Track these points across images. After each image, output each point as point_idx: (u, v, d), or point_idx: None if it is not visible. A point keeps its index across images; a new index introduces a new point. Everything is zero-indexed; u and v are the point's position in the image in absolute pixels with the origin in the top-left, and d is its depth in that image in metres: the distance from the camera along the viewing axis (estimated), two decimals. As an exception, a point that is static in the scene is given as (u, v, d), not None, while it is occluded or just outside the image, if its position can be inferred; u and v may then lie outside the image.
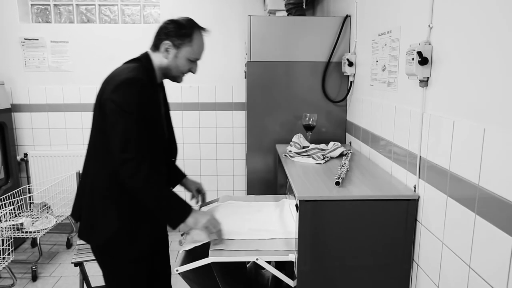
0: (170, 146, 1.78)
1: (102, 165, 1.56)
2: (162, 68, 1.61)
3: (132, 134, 1.44)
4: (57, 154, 3.58)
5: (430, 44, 1.45)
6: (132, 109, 1.44)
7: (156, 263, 1.83)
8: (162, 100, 1.73)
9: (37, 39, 3.50)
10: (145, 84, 1.49)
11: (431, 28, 1.46)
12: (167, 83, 1.73)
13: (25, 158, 3.61)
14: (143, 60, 1.60)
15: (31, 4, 3.63)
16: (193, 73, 1.67)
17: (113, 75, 1.52)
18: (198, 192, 2.00)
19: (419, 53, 1.44)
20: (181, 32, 1.56)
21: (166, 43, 1.56)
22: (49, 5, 3.65)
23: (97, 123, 1.55)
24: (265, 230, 1.78)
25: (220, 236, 1.64)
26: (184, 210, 1.55)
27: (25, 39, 3.50)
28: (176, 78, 1.66)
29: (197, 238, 1.67)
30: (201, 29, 1.63)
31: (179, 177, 1.97)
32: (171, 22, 1.58)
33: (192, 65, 1.64)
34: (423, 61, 1.44)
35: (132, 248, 1.59)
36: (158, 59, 1.60)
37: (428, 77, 1.48)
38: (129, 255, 1.61)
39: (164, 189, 1.53)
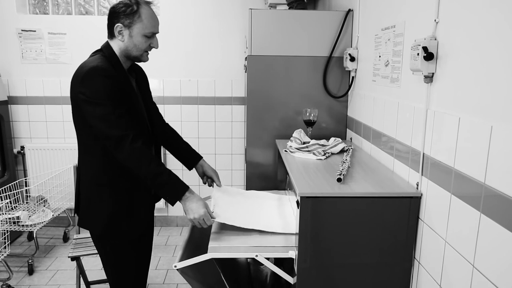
0: (152, 130, 1.82)
1: (91, 155, 1.64)
2: (123, 51, 1.64)
3: (112, 116, 1.51)
4: (54, 147, 3.54)
5: (436, 39, 1.43)
6: (102, 97, 1.50)
7: (143, 247, 1.87)
8: (138, 85, 1.78)
9: (35, 31, 3.45)
10: (107, 71, 1.53)
11: (437, 22, 1.43)
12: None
13: (22, 151, 3.58)
14: (104, 50, 1.64)
15: (29, -5, 3.58)
16: (156, 48, 1.68)
17: (78, 69, 1.57)
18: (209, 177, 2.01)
19: (425, 48, 1.41)
20: (127, 10, 1.58)
21: (118, 26, 1.60)
22: (46, -4, 3.60)
23: (76, 117, 1.61)
24: (265, 223, 1.75)
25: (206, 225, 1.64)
26: (179, 190, 1.59)
27: (22, 30, 3.45)
28: (139, 58, 1.67)
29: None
30: (146, 3, 1.64)
31: (195, 159, 1.99)
32: (116, 4, 1.61)
33: (150, 40, 1.65)
34: (429, 56, 1.41)
35: (130, 230, 1.69)
36: (117, 45, 1.63)
37: (433, 73, 1.45)
38: (128, 236, 1.70)
39: (160, 166, 1.57)
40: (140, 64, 1.81)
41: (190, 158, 1.99)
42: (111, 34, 1.64)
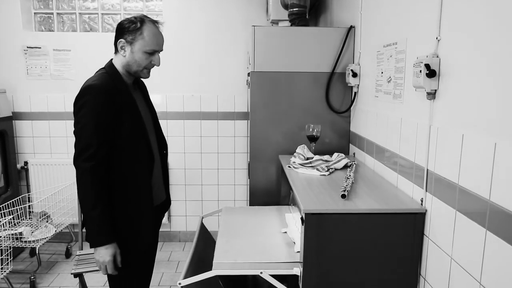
0: (160, 140, 1.86)
1: None
2: (124, 66, 1.69)
3: (82, 132, 1.55)
4: (58, 163, 3.56)
5: (437, 57, 1.44)
6: (83, 114, 1.55)
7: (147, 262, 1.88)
8: (146, 100, 1.85)
9: (40, 47, 3.50)
10: (101, 87, 1.58)
11: (439, 40, 1.45)
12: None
13: (25, 166, 3.59)
14: (106, 67, 1.71)
15: (34, 13, 3.63)
16: (157, 65, 1.71)
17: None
18: None
19: (427, 66, 1.43)
20: (131, 27, 1.63)
21: (121, 42, 1.65)
22: (52, 13, 3.65)
23: None
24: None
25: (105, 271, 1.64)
26: (102, 235, 1.58)
27: (27, 47, 3.49)
28: (139, 73, 1.71)
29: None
30: (152, 21, 1.68)
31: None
32: (123, 21, 1.67)
33: (151, 57, 1.68)
34: (431, 73, 1.43)
35: (136, 245, 1.70)
36: (119, 59, 1.69)
37: (435, 90, 1.47)
38: (133, 252, 1.70)
39: (99, 200, 1.55)
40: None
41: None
42: (116, 49, 1.70)
